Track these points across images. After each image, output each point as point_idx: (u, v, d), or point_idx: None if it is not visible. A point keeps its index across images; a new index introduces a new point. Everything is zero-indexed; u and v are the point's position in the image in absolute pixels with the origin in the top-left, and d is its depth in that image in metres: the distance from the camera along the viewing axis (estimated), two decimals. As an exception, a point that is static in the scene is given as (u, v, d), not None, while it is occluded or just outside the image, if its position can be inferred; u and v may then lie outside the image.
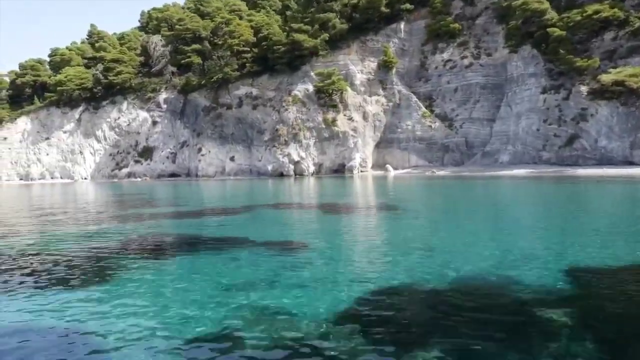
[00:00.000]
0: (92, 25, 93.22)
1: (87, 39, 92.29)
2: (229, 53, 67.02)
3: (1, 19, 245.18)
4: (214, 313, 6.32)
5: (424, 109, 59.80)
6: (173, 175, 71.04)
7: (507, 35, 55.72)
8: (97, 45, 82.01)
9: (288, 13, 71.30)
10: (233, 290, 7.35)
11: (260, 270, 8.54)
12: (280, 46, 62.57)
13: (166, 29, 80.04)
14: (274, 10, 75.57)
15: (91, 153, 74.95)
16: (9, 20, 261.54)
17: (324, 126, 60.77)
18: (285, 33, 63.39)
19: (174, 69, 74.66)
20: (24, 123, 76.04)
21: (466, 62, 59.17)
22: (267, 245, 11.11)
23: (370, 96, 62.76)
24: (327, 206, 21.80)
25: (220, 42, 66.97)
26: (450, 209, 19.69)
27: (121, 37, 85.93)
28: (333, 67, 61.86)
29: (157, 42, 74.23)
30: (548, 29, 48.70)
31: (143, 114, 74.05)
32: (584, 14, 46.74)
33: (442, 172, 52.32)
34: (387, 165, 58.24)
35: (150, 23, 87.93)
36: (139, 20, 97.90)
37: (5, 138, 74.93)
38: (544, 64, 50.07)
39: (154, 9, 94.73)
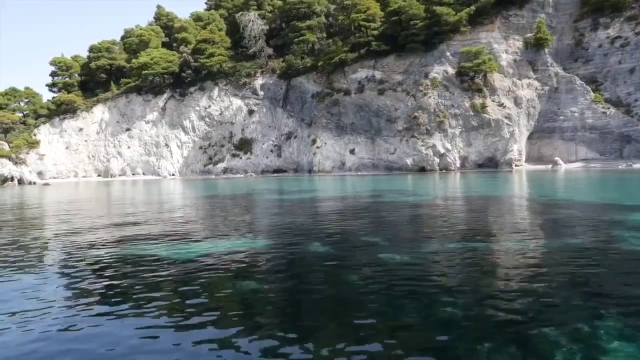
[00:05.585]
0: (159, 7, 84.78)
1: (155, 21, 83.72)
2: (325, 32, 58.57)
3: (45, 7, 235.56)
4: None
5: (592, 93, 51.42)
6: (278, 170, 62.42)
7: (703, 5, 47.44)
8: (176, 25, 73.26)
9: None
10: None
11: None
12: (418, 21, 54.01)
13: (255, 7, 71.52)
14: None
15: (178, 146, 66.27)
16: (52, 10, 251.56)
17: (471, 113, 52.39)
18: (422, 6, 54.74)
19: (270, 50, 66.12)
20: (100, 112, 67.26)
21: (643, 38, 50.84)
22: None
23: (519, 79, 54.39)
24: None
25: (341, 18, 58.25)
26: None
27: (197, 18, 77.07)
28: (478, 46, 53.37)
29: (253, 20, 65.40)
30: None
31: (237, 102, 65.50)
32: None
33: (638, 166, 44.01)
34: (557, 159, 49.79)
35: (227, 2, 78.98)
36: (206, 2, 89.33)
37: (80, 129, 66.17)
38: None
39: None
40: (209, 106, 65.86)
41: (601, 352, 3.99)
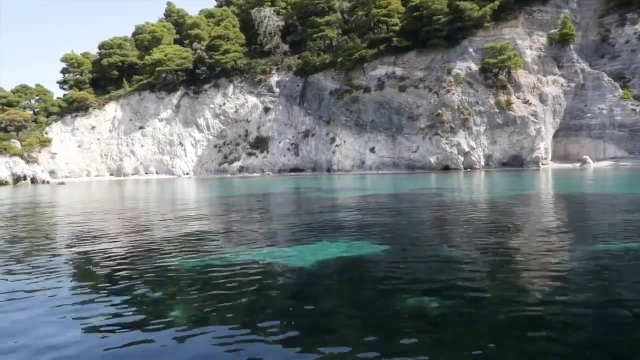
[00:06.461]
0: (169, 4, 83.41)
1: (165, 18, 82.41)
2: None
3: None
4: None
5: (620, 89, 50.32)
6: (295, 169, 61.22)
7: None
8: (188, 22, 71.98)
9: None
10: None
11: None
12: (441, 16, 52.83)
13: (269, 3, 70.25)
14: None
15: (192, 144, 65.03)
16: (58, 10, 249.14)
17: (496, 110, 51.25)
18: (445, 1, 53.54)
19: (285, 47, 64.88)
20: (113, 110, 65.99)
21: (673, 33, 49.77)
22: None
23: (544, 75, 53.28)
24: None
25: (360, 13, 57.04)
26: None
27: (209, 15, 75.75)
28: (502, 42, 52.20)
29: (269, 16, 64.13)
30: None
31: (252, 99, 64.28)
32: None
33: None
34: (586, 157, 48.72)
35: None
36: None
37: (93, 127, 64.89)
38: None
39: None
40: (224, 104, 64.64)
41: None
